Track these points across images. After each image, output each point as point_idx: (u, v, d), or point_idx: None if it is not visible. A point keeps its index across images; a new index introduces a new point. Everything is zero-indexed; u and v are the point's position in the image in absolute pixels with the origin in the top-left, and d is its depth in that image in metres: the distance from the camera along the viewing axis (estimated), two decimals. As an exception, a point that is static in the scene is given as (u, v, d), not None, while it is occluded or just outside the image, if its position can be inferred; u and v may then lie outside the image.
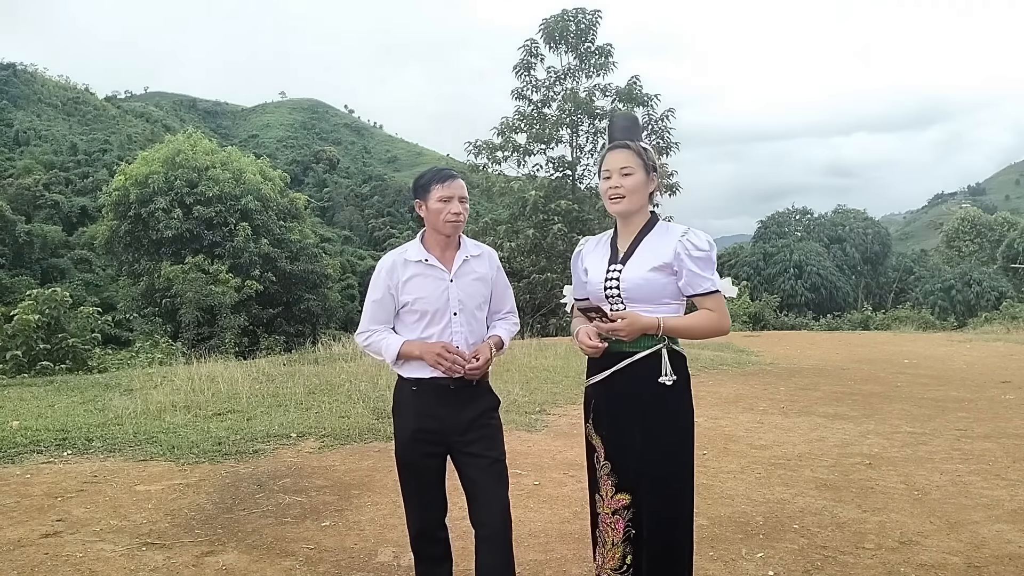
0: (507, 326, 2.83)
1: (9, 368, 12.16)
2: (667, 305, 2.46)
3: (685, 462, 2.46)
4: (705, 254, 2.43)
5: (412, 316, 2.68)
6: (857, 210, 57.18)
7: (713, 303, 2.44)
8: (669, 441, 2.42)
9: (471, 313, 2.69)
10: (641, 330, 2.39)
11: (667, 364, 2.40)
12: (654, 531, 2.42)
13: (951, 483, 4.82)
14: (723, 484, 4.79)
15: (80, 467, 5.20)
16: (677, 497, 2.44)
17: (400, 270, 2.68)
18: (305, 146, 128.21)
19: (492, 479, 2.64)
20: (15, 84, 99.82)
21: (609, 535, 2.48)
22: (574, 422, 6.64)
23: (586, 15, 22.58)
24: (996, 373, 10.69)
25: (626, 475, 2.46)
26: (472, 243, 2.79)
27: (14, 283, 42.78)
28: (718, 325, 2.46)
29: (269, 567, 3.48)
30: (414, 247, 2.72)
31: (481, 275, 2.74)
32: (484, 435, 2.66)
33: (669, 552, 2.43)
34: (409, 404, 2.68)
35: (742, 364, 11.42)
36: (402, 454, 2.70)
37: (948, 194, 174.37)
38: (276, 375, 9.28)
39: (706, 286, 2.42)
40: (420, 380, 2.64)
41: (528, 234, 21.73)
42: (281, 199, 34.07)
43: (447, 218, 2.62)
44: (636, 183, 2.47)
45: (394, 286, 2.68)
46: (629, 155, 2.48)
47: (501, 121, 22.87)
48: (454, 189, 2.64)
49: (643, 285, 2.44)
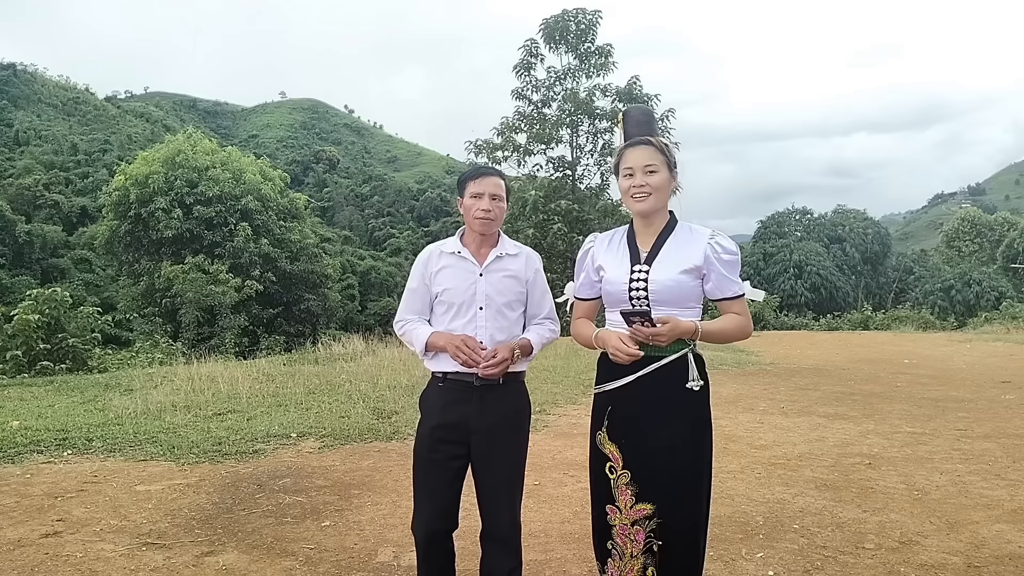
0: (541, 331, 2.75)
1: (9, 368, 12.16)
2: (692, 309, 2.40)
3: (708, 470, 2.41)
4: (734, 257, 2.40)
5: (441, 307, 2.69)
6: (857, 210, 57.27)
7: (740, 307, 2.42)
8: (696, 447, 2.35)
9: (498, 309, 2.65)
10: (680, 335, 2.30)
11: (694, 369, 2.34)
12: (679, 539, 2.33)
13: (951, 483, 4.82)
14: (723, 484, 4.79)
15: (80, 467, 5.20)
16: (700, 505, 2.38)
17: (435, 261, 2.70)
18: (305, 146, 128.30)
19: (506, 485, 2.62)
20: (15, 84, 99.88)
21: (628, 547, 2.36)
22: (574, 422, 6.64)
23: (586, 15, 22.57)
24: (996, 373, 10.69)
25: (648, 484, 2.33)
26: (513, 243, 2.78)
27: (14, 283, 42.84)
28: (744, 329, 2.43)
29: (269, 567, 3.48)
30: (452, 241, 2.74)
31: (514, 273, 2.70)
32: (509, 442, 2.62)
33: (692, 561, 2.38)
34: (434, 398, 2.67)
35: (742, 364, 11.42)
36: (420, 449, 2.66)
37: (948, 194, 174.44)
38: (276, 375, 9.29)
39: (735, 290, 2.39)
40: (446, 374, 2.63)
41: (528, 234, 21.73)
42: (281, 199, 34.06)
43: (476, 214, 2.63)
44: (661, 181, 2.38)
45: (428, 276, 2.70)
46: (653, 152, 2.38)
47: (501, 121, 22.88)
48: (485, 186, 2.65)
49: (674, 288, 2.35)
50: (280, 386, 8.39)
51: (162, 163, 30.73)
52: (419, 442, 2.68)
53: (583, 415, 6.76)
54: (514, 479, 2.64)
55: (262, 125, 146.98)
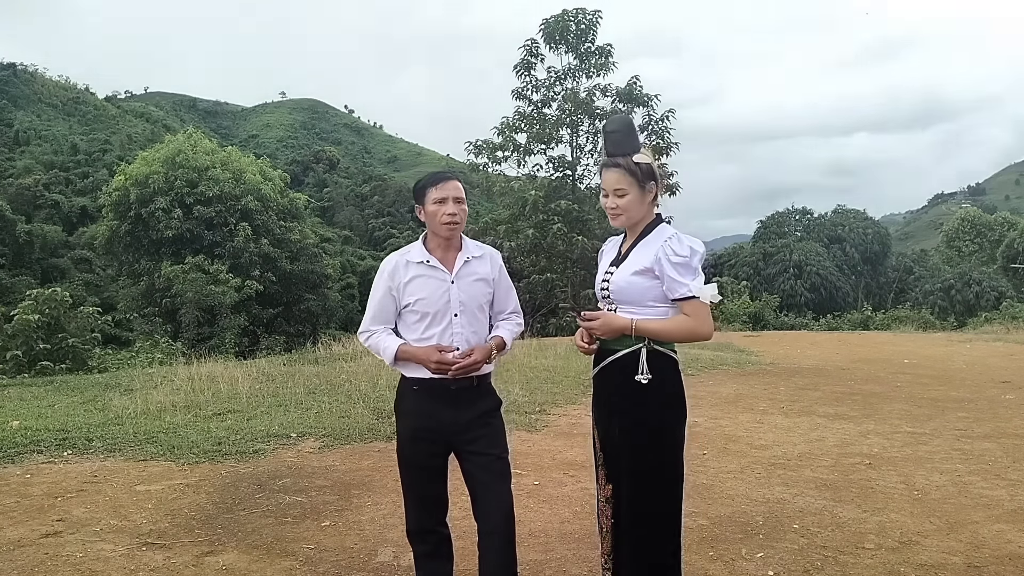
0: (510, 326, 2.83)
1: (9, 368, 12.17)
2: (653, 307, 2.52)
3: (658, 462, 2.50)
4: (683, 259, 2.47)
5: (413, 316, 2.69)
6: (857, 210, 57.25)
7: (690, 308, 2.48)
8: (639, 438, 2.50)
9: (472, 314, 2.70)
10: (617, 331, 2.52)
11: (643, 364, 2.48)
12: (628, 523, 2.54)
13: (951, 483, 4.82)
14: (723, 484, 4.79)
15: (80, 467, 5.20)
16: (648, 495, 2.50)
17: (402, 271, 2.70)
18: (305, 146, 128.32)
19: (495, 476, 2.66)
20: (15, 84, 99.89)
21: (603, 522, 2.65)
22: (574, 422, 6.65)
23: (586, 15, 22.54)
24: (996, 373, 10.69)
25: (611, 466, 2.61)
26: (474, 244, 2.80)
27: (14, 283, 42.77)
28: (693, 330, 2.49)
29: (269, 567, 3.48)
30: (416, 248, 2.74)
31: (483, 276, 2.75)
32: (486, 434, 2.68)
33: (641, 546, 2.51)
34: (410, 403, 2.71)
35: (742, 364, 11.41)
36: (403, 452, 2.74)
37: (948, 194, 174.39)
38: (276, 375, 9.28)
39: (682, 291, 2.47)
40: (420, 380, 2.66)
41: (528, 234, 21.71)
42: (281, 199, 34.04)
43: (443, 220, 2.65)
44: (630, 201, 2.54)
45: (396, 287, 2.70)
46: (621, 175, 2.53)
47: (501, 121, 22.84)
48: (448, 190, 2.67)
49: (626, 288, 2.54)
50: (280, 386, 8.39)
51: (162, 163, 30.72)
52: (401, 446, 2.75)
53: (583, 415, 6.76)
54: (502, 469, 2.68)
55: (262, 125, 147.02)
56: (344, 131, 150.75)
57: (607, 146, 2.62)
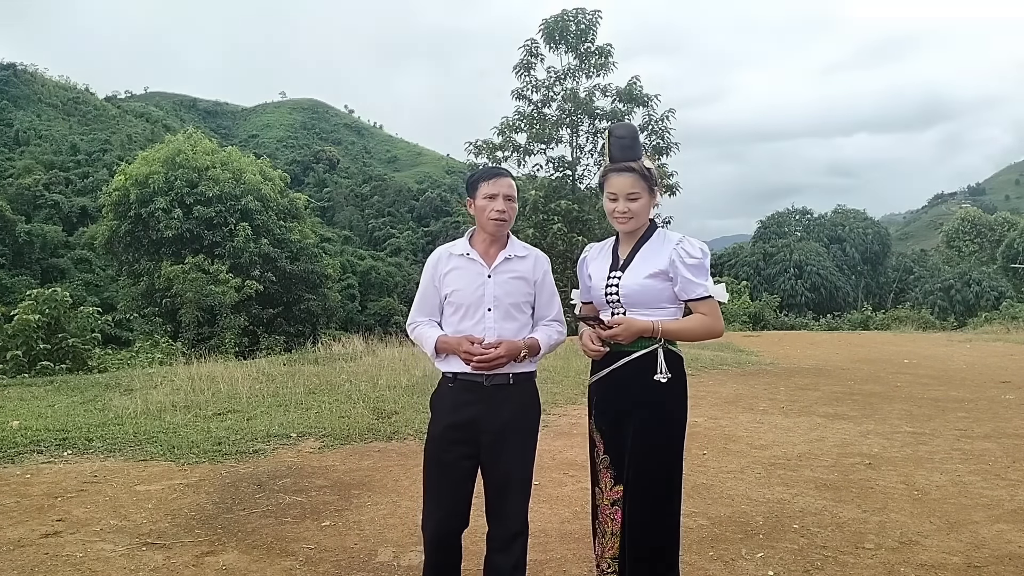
0: (549, 332, 2.75)
1: (9, 368, 12.15)
2: (664, 309, 2.60)
3: (672, 461, 2.57)
4: (698, 261, 2.57)
5: (450, 309, 2.71)
6: (857, 210, 57.23)
7: (707, 307, 2.59)
8: (658, 437, 2.54)
9: (507, 310, 2.66)
10: (638, 333, 2.55)
11: (663, 363, 2.54)
12: (636, 528, 2.53)
13: (951, 483, 4.82)
14: (723, 484, 4.79)
15: (80, 467, 5.20)
16: (661, 495, 2.53)
17: (444, 263, 2.73)
18: (305, 146, 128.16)
19: (513, 487, 2.63)
20: (15, 84, 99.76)
21: (608, 525, 2.62)
22: (574, 422, 6.64)
23: (586, 15, 22.51)
24: (996, 373, 10.69)
25: (621, 468, 2.59)
26: (521, 245, 2.78)
27: (14, 283, 42.80)
28: (711, 328, 2.61)
29: (269, 567, 3.48)
30: (461, 242, 2.76)
31: (522, 274, 2.72)
32: (516, 441, 2.64)
33: (650, 550, 2.52)
34: (445, 398, 2.69)
35: (742, 364, 11.41)
36: (431, 449, 2.69)
37: (948, 194, 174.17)
38: (276, 375, 9.28)
39: (699, 292, 2.56)
40: (456, 375, 2.65)
41: (528, 234, 21.66)
42: (281, 199, 34.08)
43: (491, 215, 2.65)
44: (642, 205, 2.60)
45: (438, 278, 2.73)
46: (635, 180, 2.57)
47: (501, 121, 22.81)
48: (500, 187, 2.67)
49: (640, 291, 2.58)
50: (280, 386, 8.39)
51: (162, 163, 30.76)
52: (430, 442, 2.70)
53: (583, 415, 6.75)
54: (523, 479, 2.66)
55: (262, 125, 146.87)
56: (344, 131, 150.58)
57: (615, 151, 2.62)
